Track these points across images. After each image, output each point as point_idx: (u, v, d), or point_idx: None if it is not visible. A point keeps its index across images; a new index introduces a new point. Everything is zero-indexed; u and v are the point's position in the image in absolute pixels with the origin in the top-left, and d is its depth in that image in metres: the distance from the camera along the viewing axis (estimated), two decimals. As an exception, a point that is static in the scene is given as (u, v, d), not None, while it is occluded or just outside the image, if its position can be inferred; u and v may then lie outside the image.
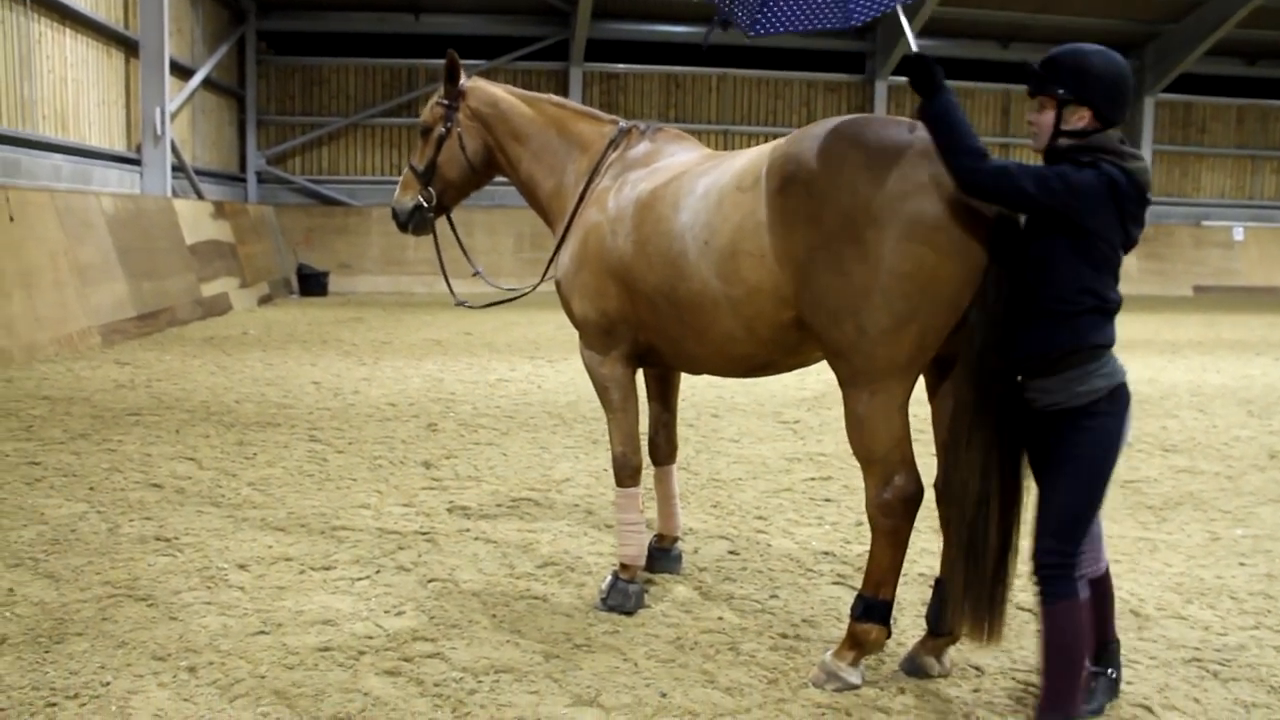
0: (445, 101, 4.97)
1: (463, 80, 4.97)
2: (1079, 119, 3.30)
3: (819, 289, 3.53)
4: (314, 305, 20.23)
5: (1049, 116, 3.34)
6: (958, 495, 3.53)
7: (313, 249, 23.67)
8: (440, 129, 4.96)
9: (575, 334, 4.67)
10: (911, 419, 3.64)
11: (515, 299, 5.26)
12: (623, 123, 4.79)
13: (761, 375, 4.24)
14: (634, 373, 4.54)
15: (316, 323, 16.49)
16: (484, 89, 4.99)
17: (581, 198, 4.56)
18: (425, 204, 5.00)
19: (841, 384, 3.65)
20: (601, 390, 4.52)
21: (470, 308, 5.37)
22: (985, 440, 3.47)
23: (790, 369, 4.16)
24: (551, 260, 4.65)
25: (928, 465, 3.77)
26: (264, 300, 20.09)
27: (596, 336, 4.45)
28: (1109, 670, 3.64)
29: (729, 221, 3.80)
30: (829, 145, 3.56)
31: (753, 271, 3.73)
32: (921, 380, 3.76)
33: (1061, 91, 3.29)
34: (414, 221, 5.06)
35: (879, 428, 3.55)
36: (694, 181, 4.08)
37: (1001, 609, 3.52)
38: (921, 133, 3.50)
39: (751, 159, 3.90)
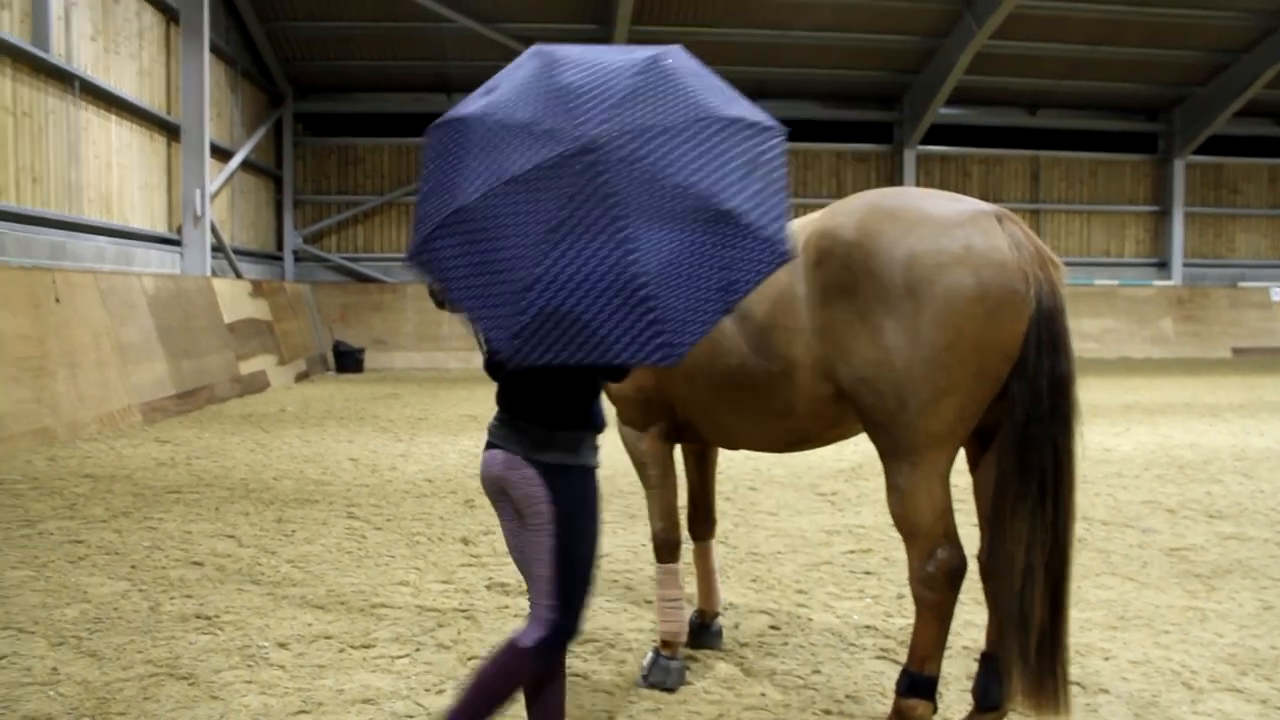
0: None
1: None
2: None
3: (858, 362, 3.54)
4: (350, 382, 20.40)
5: None
6: (1004, 568, 3.50)
7: (348, 326, 23.95)
8: None
9: (609, 410, 4.68)
10: (952, 490, 3.62)
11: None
12: None
13: (801, 449, 4.23)
14: (672, 448, 4.54)
15: (353, 399, 16.62)
16: None
17: None
18: None
19: (882, 456, 3.63)
20: (640, 466, 4.53)
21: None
22: (1029, 510, 3.44)
23: (830, 442, 4.15)
24: None
25: (969, 536, 3.73)
26: (301, 377, 20.30)
27: (634, 413, 4.47)
28: None
29: (765, 296, 3.82)
30: (865, 219, 3.59)
31: (790, 346, 3.75)
32: (962, 451, 3.74)
33: None
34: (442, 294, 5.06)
35: (921, 500, 3.53)
36: None
37: (1064, 680, 3.47)
38: (959, 204, 3.53)
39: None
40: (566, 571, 3.18)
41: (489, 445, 3.28)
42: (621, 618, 5.43)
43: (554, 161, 2.67)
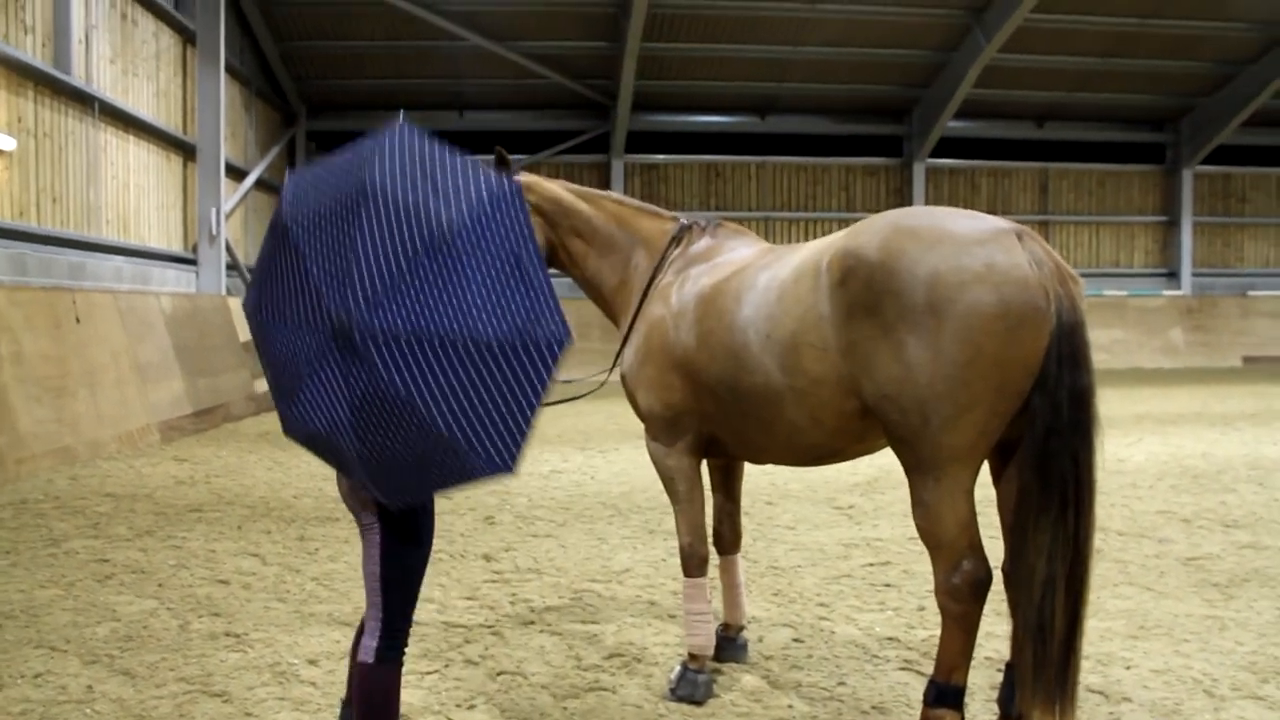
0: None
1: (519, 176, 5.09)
2: None
3: (881, 379, 3.61)
4: (364, 397, 20.48)
5: None
6: (1025, 578, 3.55)
7: (361, 342, 24.02)
8: None
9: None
10: (976, 503, 3.68)
11: (585, 395, 5.34)
12: (684, 219, 4.92)
13: (827, 463, 4.30)
14: (699, 464, 4.61)
15: (368, 415, 16.72)
16: (542, 185, 5.07)
17: (645, 293, 4.68)
18: None
19: (907, 471, 3.70)
20: (667, 481, 4.60)
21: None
22: (1051, 522, 3.50)
23: (855, 456, 4.22)
24: (619, 354, 4.75)
25: (992, 547, 3.79)
26: (315, 394, 20.38)
27: (662, 429, 4.54)
28: None
29: (790, 315, 3.90)
30: (887, 238, 3.66)
31: (815, 363, 3.82)
32: (986, 465, 3.80)
33: None
34: None
35: (945, 514, 3.59)
36: (755, 275, 4.20)
37: (1073, 691, 3.52)
38: (979, 221, 3.60)
39: (811, 252, 4.01)
40: (392, 583, 3.33)
41: None
42: (645, 632, 5.49)
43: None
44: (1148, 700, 4.44)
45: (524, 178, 5.08)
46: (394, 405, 2.68)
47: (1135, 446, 12.19)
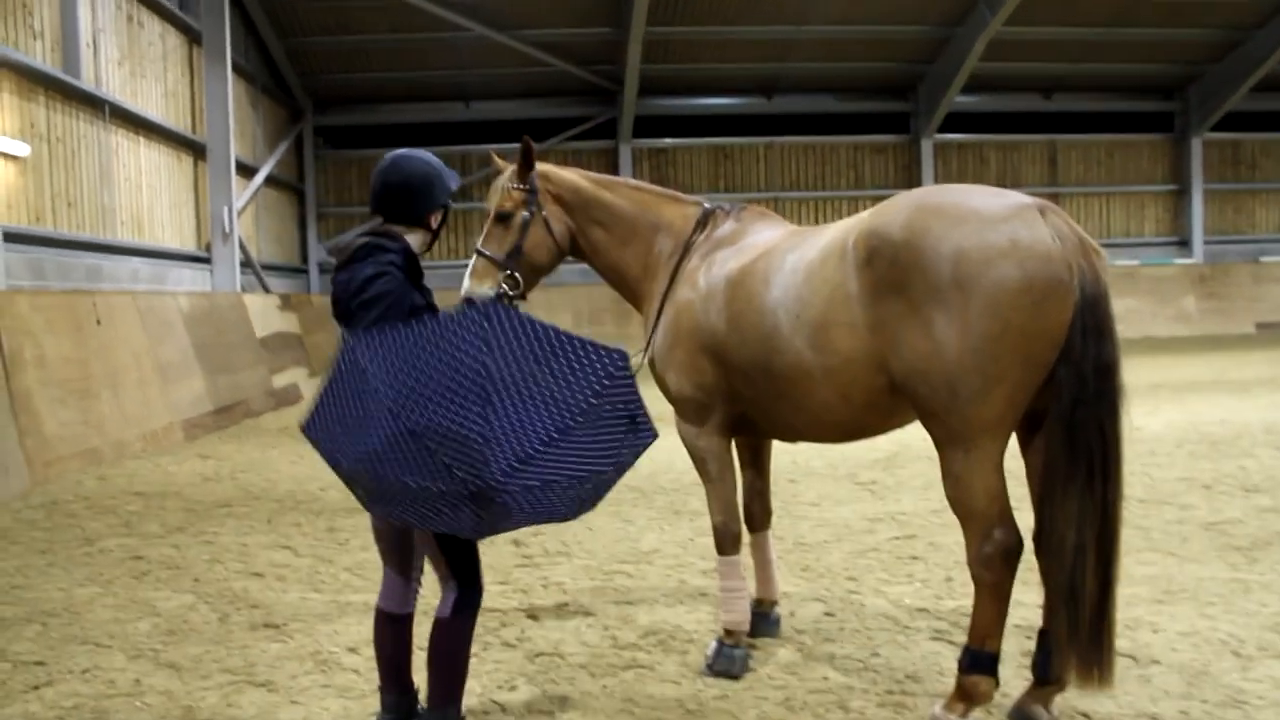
0: (523, 186, 4.92)
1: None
2: None
3: (910, 355, 3.68)
4: (381, 390, 20.58)
5: None
6: (1056, 546, 3.63)
7: (375, 335, 24.13)
8: (523, 214, 4.88)
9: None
10: (1006, 473, 3.75)
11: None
12: (707, 204, 4.98)
13: (857, 439, 4.38)
14: (729, 444, 4.69)
15: (386, 407, 16.80)
16: (561, 174, 5.08)
17: (673, 278, 4.74)
18: (510, 291, 4.89)
19: (937, 444, 3.77)
20: (699, 462, 4.68)
21: None
22: (1079, 490, 3.58)
23: (885, 431, 4.29)
24: (649, 342, 4.81)
25: (1022, 517, 3.86)
26: (332, 388, 20.49)
27: (692, 410, 4.62)
28: None
29: (819, 294, 3.98)
30: (912, 217, 3.73)
31: (845, 341, 3.90)
32: (1014, 436, 3.87)
33: None
34: None
35: (976, 485, 3.66)
36: (782, 257, 4.27)
37: (1110, 653, 3.60)
38: (1002, 198, 3.67)
39: (837, 233, 4.08)
40: (451, 546, 3.74)
41: None
42: (678, 610, 5.57)
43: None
44: (1176, 662, 4.52)
45: (542, 168, 5.05)
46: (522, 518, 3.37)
47: (1153, 414, 12.22)
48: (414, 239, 3.90)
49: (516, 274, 4.91)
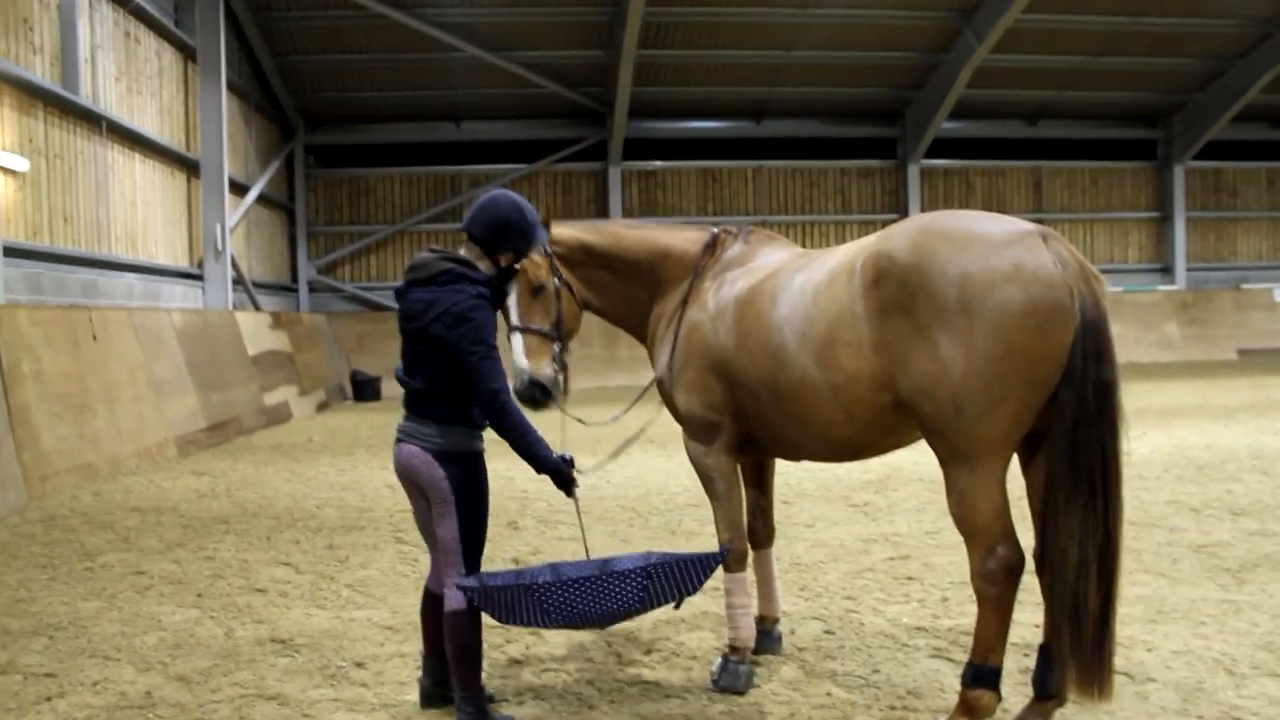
0: (547, 255, 4.86)
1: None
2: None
3: (915, 375, 3.80)
4: (370, 410, 20.64)
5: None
6: (1058, 563, 3.74)
7: (364, 354, 24.23)
8: (553, 283, 4.83)
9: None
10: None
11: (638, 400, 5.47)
12: (715, 229, 5.09)
13: (860, 458, 4.49)
14: (736, 462, 4.79)
15: (377, 427, 16.83)
16: (566, 235, 4.99)
17: (684, 300, 4.84)
18: (561, 374, 4.90)
19: (941, 462, 3.88)
20: (706, 481, 4.78)
21: (599, 424, 5.24)
22: (1081, 507, 3.69)
23: (887, 450, 4.40)
24: (668, 361, 4.87)
25: (1021, 538, 3.97)
26: (321, 407, 20.55)
27: (701, 429, 4.72)
28: None
29: (825, 314, 4.10)
30: (919, 241, 3.85)
31: (851, 360, 4.02)
32: (1015, 455, 3.99)
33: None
34: (558, 391, 4.91)
35: (980, 501, 3.78)
36: (790, 278, 4.40)
37: (1111, 668, 3.70)
38: (1006, 224, 3.80)
39: (844, 255, 4.22)
40: (469, 537, 4.25)
41: (398, 440, 4.35)
42: (680, 627, 5.66)
43: None
44: (1171, 680, 4.63)
45: (553, 230, 4.97)
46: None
47: (1139, 439, 12.38)
48: (484, 266, 4.34)
49: (564, 352, 4.93)
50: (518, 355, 4.80)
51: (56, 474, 10.41)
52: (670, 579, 4.11)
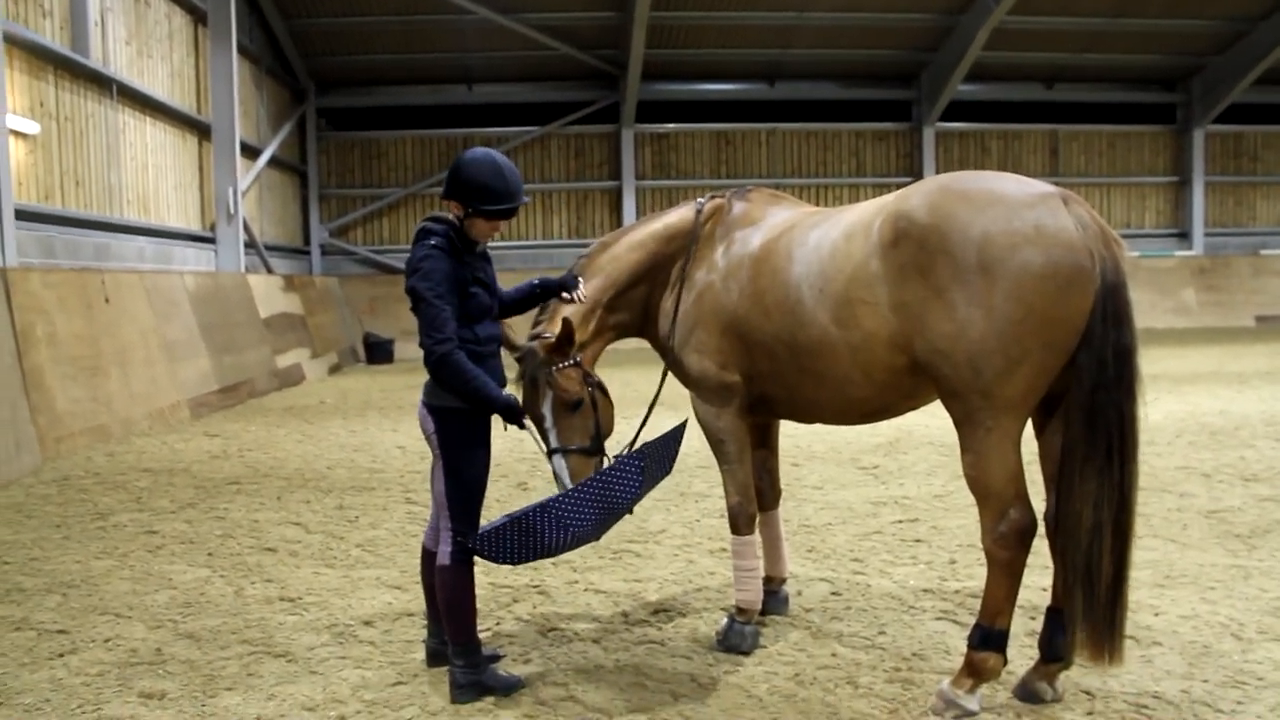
0: (574, 362, 4.64)
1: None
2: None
3: (933, 336, 3.77)
4: (382, 373, 20.69)
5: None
6: (1072, 526, 3.73)
7: (377, 317, 24.25)
8: (587, 395, 4.65)
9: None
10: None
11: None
12: (700, 199, 4.95)
13: (875, 419, 4.46)
14: (747, 425, 4.76)
15: (389, 389, 16.87)
16: (581, 311, 4.76)
17: (686, 264, 4.77)
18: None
19: (957, 424, 3.86)
20: (717, 444, 4.76)
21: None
22: (1097, 471, 3.68)
23: (904, 412, 4.38)
24: (671, 329, 4.81)
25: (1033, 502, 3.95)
26: (334, 369, 20.60)
27: (713, 391, 4.68)
28: None
29: (843, 272, 4.07)
30: (938, 201, 3.81)
31: (868, 318, 3.99)
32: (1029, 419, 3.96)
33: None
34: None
35: (994, 464, 3.76)
36: (805, 234, 4.36)
37: (1121, 632, 3.70)
38: (1027, 186, 3.76)
39: (862, 213, 4.18)
40: (456, 493, 4.27)
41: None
42: (686, 588, 5.68)
43: None
44: (1178, 644, 4.62)
45: (566, 321, 4.57)
46: None
47: (1152, 405, 12.32)
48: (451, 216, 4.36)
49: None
50: (564, 480, 4.59)
51: (70, 435, 10.47)
52: (656, 456, 4.41)
